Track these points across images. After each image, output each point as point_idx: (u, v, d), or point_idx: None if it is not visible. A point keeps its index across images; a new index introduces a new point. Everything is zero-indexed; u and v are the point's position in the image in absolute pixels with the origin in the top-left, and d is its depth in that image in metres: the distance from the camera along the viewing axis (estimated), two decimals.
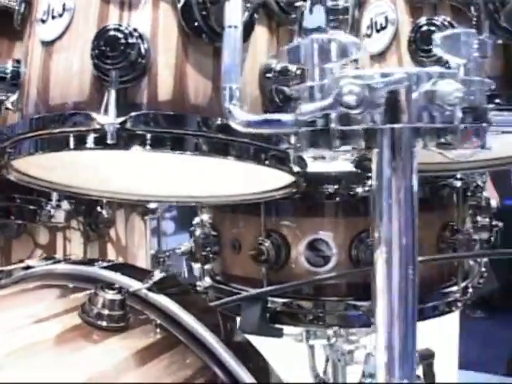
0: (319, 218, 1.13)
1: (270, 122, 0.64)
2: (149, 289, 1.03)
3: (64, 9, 0.78)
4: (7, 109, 0.86)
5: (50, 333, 0.90)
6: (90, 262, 1.18)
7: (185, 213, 2.57)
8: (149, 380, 0.89)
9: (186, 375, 0.94)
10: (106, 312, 0.95)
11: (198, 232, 1.26)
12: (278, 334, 1.14)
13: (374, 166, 0.59)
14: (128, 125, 0.72)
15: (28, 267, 1.17)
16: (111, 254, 1.67)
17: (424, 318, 1.21)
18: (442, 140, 0.58)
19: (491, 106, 0.61)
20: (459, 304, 1.21)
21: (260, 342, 1.01)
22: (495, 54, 0.80)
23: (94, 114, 0.74)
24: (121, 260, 1.69)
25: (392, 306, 0.59)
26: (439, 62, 0.61)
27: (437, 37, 0.58)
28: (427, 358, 1.30)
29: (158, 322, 1.01)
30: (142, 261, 1.72)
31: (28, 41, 0.83)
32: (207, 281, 1.28)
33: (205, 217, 1.27)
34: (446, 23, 0.80)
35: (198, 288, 1.28)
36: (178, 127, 0.75)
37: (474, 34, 0.59)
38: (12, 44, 1.09)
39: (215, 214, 1.26)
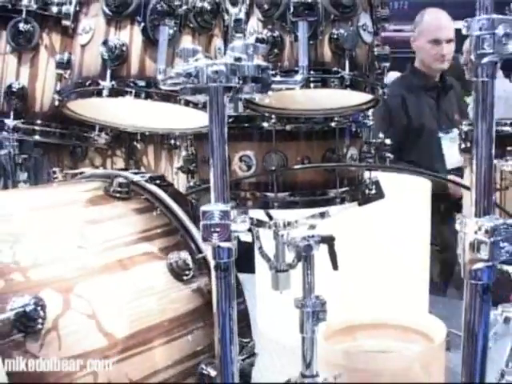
0: (245, 142, 1.91)
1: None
2: (145, 180, 1.85)
3: (89, 28, 1.62)
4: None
5: (84, 196, 1.73)
6: (123, 170, 2.03)
7: None
8: (128, 223, 1.70)
9: (154, 223, 1.72)
10: (117, 189, 1.78)
11: (183, 153, 2.08)
12: None
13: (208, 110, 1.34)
14: (115, 85, 1.55)
15: (82, 172, 2.03)
16: None
17: (307, 206, 1.97)
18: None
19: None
20: (337, 200, 1.95)
21: None
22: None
23: (101, 81, 1.57)
24: None
25: None
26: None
27: (233, 45, 1.32)
28: (329, 240, 2.03)
29: (147, 198, 1.83)
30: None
31: (73, 43, 1.67)
32: (191, 184, 2.10)
33: (189, 143, 2.09)
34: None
35: (188, 187, 2.10)
36: (141, 87, 1.57)
37: (251, 44, 1.33)
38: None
39: (195, 140, 2.08)
